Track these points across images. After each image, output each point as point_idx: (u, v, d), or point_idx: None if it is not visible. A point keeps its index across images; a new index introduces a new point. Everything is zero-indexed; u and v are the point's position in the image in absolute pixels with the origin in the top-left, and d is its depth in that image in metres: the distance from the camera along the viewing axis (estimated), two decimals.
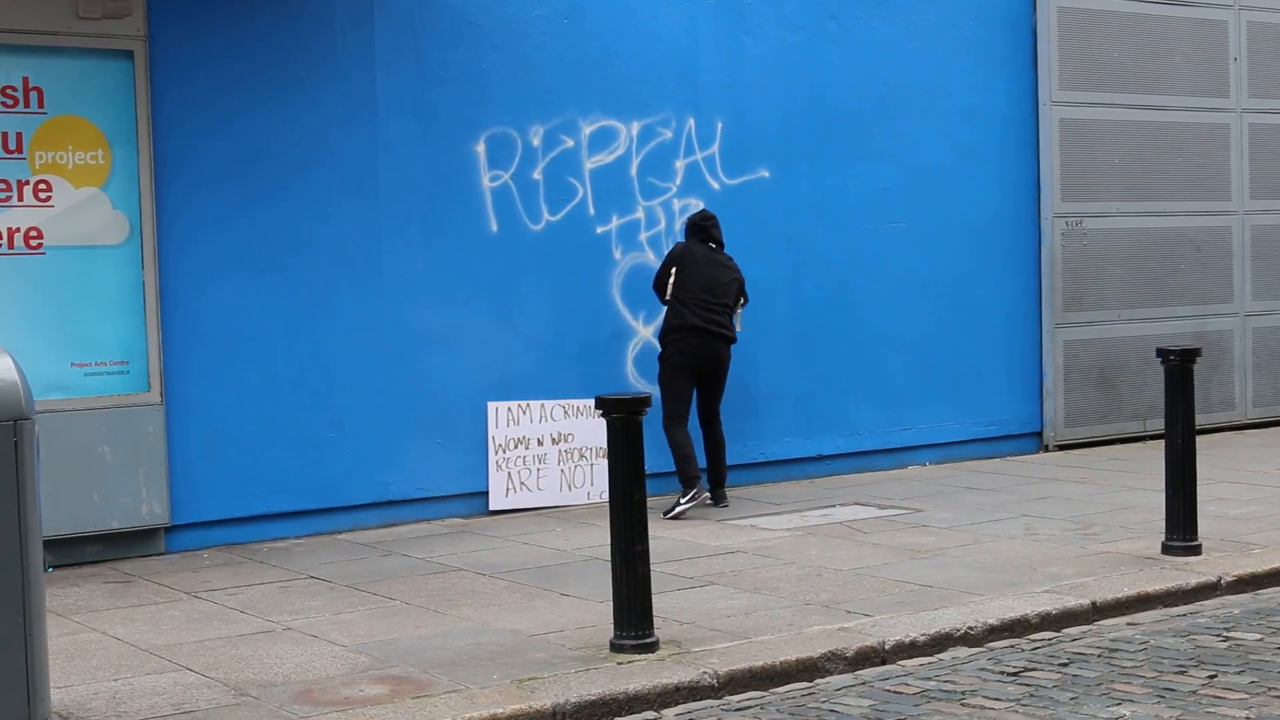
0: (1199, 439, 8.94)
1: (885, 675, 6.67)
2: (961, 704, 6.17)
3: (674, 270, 10.52)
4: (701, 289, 10.47)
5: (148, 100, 9.40)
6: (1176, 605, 7.81)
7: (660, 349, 10.61)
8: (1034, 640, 7.17)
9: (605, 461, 8.44)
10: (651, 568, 6.93)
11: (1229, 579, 8.12)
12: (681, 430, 10.48)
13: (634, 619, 6.78)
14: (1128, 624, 7.45)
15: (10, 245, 9.08)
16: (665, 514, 10.27)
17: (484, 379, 10.65)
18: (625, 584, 6.79)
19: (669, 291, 10.52)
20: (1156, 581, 7.97)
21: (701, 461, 10.68)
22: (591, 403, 10.48)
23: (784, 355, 11.83)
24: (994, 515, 10.13)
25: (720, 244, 10.71)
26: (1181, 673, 6.49)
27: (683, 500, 10.37)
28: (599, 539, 9.23)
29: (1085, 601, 7.59)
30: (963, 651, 7.02)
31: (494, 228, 10.67)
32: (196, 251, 9.63)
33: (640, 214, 11.20)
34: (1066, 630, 7.35)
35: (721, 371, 10.63)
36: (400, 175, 10.30)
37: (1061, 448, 13.12)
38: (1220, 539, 8.98)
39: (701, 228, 10.67)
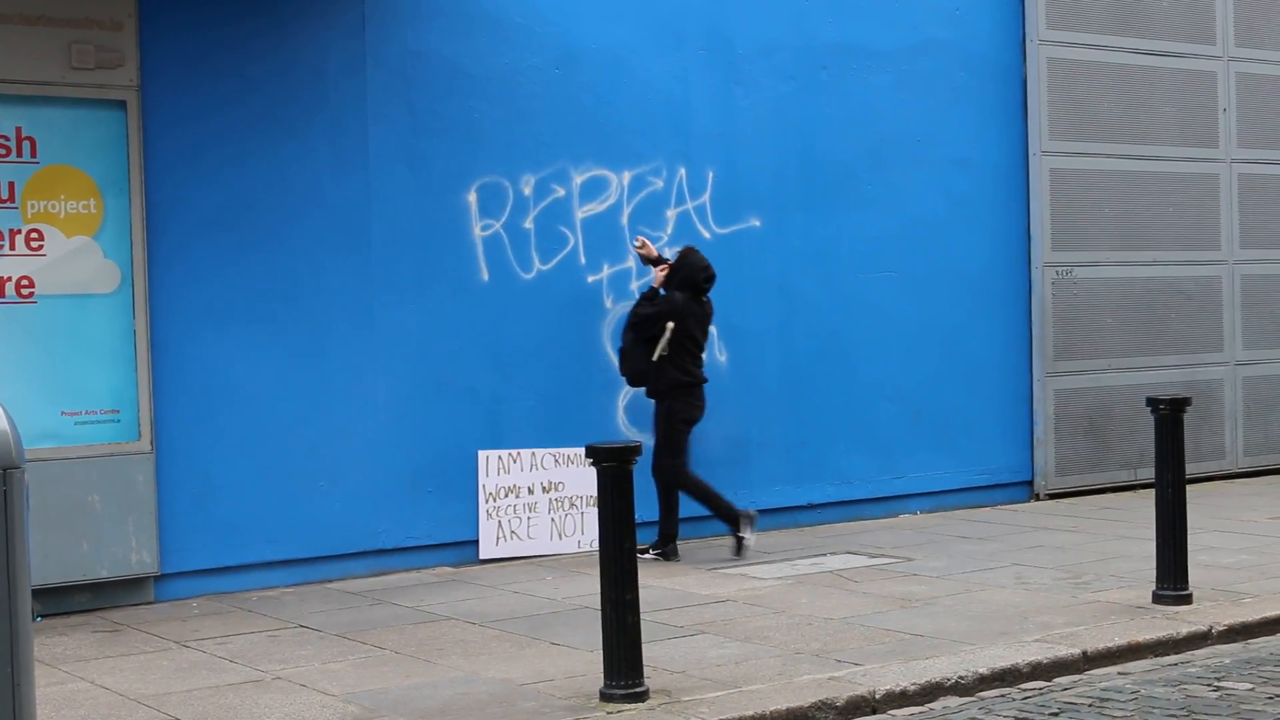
0: (1189, 488, 8.95)
1: None
2: None
3: (670, 325, 10.50)
4: (699, 345, 10.61)
5: (140, 150, 9.44)
6: (1167, 655, 7.82)
7: (672, 401, 10.56)
8: (1025, 690, 7.17)
9: (596, 510, 8.45)
10: (642, 616, 6.94)
11: (1220, 628, 8.12)
12: (693, 473, 10.61)
13: (624, 668, 6.78)
14: (1119, 673, 7.45)
15: (2, 294, 9.10)
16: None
17: (474, 428, 10.66)
18: (615, 633, 6.79)
19: (664, 346, 10.50)
20: (1147, 631, 7.98)
21: (655, 513, 10.68)
22: (582, 451, 10.47)
23: (775, 404, 11.86)
24: (985, 564, 10.13)
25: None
26: None
27: (744, 534, 10.48)
28: (589, 588, 9.22)
29: (1076, 651, 7.59)
30: (953, 701, 7.02)
31: (485, 277, 10.71)
32: (188, 300, 9.65)
33: (631, 263, 11.23)
34: (1057, 680, 7.35)
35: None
36: (392, 225, 10.34)
37: (1052, 496, 13.13)
38: (1211, 588, 8.99)
39: (703, 289, 10.63)
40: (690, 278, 10.60)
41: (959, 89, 12.73)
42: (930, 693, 7.05)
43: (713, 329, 11.42)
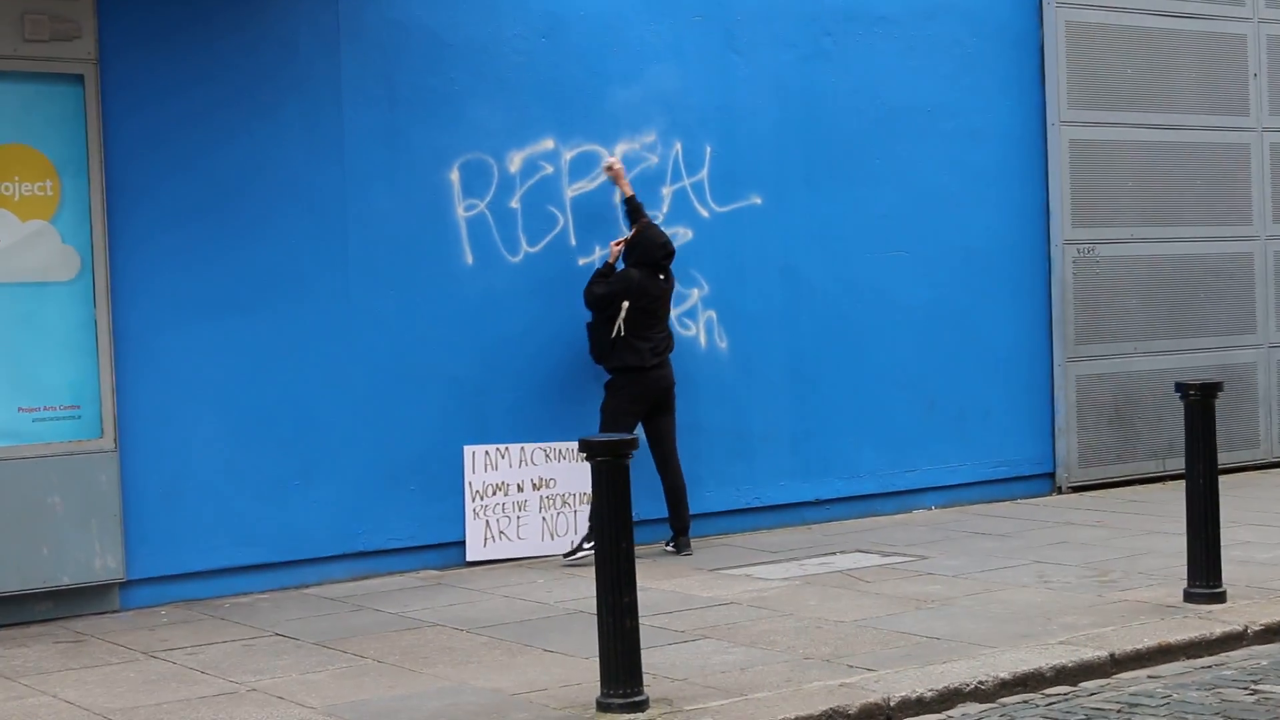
0: (1221, 479, 8.95)
1: None
2: None
3: (626, 304, 10.52)
4: (659, 322, 10.69)
5: (99, 128, 9.41)
6: (1200, 656, 7.83)
7: (618, 382, 10.66)
8: (1049, 695, 7.18)
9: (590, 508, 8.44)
10: (640, 621, 6.94)
11: (1256, 628, 8.13)
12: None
13: (622, 676, 6.78)
14: (1148, 677, 7.46)
15: None
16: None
17: (460, 421, 10.65)
18: (612, 638, 6.79)
19: (621, 327, 10.50)
20: (1178, 631, 7.99)
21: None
22: (575, 445, 10.49)
23: (779, 393, 11.85)
24: (1005, 562, 10.14)
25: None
26: None
27: (586, 545, 10.42)
28: (584, 591, 9.23)
29: (1103, 653, 7.60)
30: (973, 708, 7.03)
31: (469, 260, 10.69)
32: (153, 288, 9.63)
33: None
34: (1083, 684, 7.36)
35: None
36: (370, 206, 10.32)
37: (1075, 489, 13.14)
38: (1246, 585, 9.00)
39: (661, 266, 10.66)
40: (648, 254, 10.62)
41: (971, 56, 12.71)
42: (948, 699, 7.06)
43: (711, 314, 11.45)
